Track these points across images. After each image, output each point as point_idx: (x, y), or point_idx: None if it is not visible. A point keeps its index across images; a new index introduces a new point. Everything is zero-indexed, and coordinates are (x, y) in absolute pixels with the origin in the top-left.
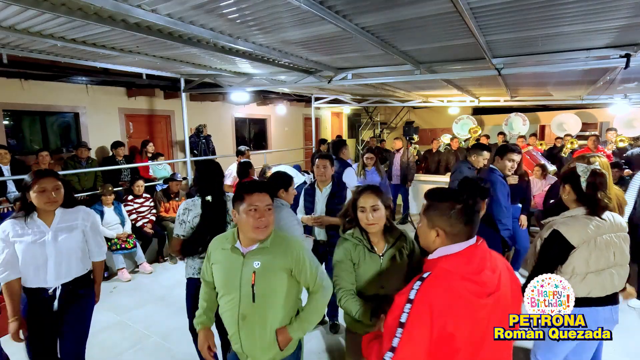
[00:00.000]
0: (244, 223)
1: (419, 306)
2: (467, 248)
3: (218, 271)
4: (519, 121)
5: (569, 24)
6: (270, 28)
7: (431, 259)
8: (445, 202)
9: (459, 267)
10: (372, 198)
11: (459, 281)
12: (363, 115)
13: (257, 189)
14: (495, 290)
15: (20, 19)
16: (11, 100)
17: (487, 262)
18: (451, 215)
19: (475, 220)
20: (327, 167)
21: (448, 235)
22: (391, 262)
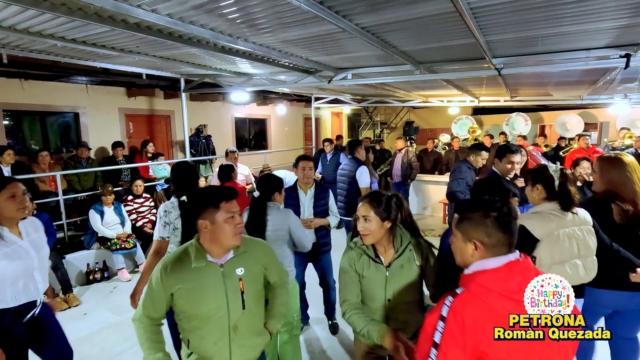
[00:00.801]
0: (223, 232)
1: (452, 324)
2: (507, 263)
3: (191, 294)
4: (521, 121)
5: (569, 24)
6: (270, 28)
7: (467, 274)
8: (478, 211)
9: (497, 284)
10: (364, 208)
11: (497, 299)
12: (363, 115)
13: (231, 196)
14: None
15: (20, 19)
16: (11, 100)
17: (529, 280)
18: (487, 224)
19: (514, 228)
20: (312, 169)
21: (487, 247)
22: (399, 272)
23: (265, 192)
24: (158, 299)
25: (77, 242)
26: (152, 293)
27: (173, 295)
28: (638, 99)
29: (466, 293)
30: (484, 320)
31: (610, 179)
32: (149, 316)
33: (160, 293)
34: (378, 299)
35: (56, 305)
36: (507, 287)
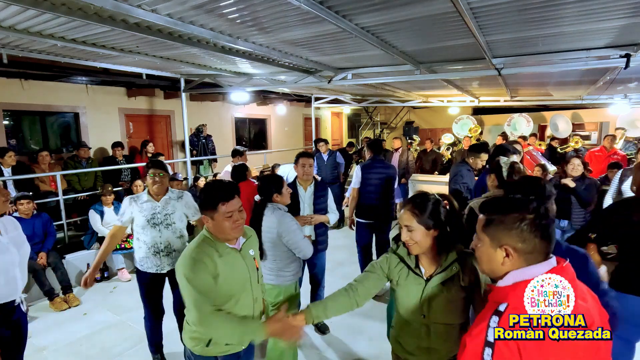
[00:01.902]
0: (222, 227)
1: (504, 350)
2: (551, 270)
3: (226, 278)
4: (523, 122)
5: (569, 24)
6: (270, 28)
7: (503, 286)
8: (513, 213)
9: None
10: (406, 216)
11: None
12: (363, 115)
13: (232, 195)
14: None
15: (20, 19)
16: (11, 100)
17: (577, 289)
18: (522, 229)
19: (552, 234)
20: (312, 166)
21: (521, 255)
22: (439, 288)
23: (264, 194)
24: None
25: (77, 242)
26: (202, 283)
27: (216, 278)
28: (638, 99)
29: (512, 310)
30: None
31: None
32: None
33: (209, 279)
34: (413, 313)
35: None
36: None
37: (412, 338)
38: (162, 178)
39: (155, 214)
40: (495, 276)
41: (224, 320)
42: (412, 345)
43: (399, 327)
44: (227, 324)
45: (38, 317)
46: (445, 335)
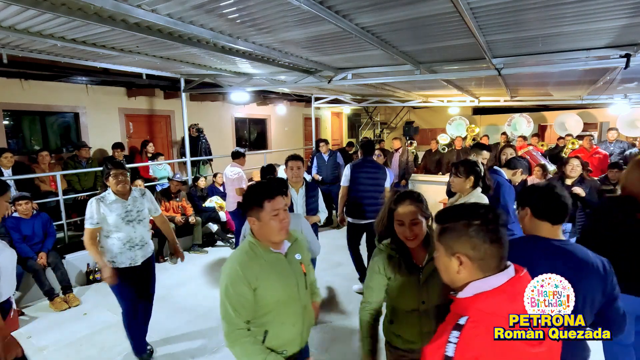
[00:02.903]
0: (269, 227)
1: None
2: (509, 281)
3: (270, 285)
4: (523, 122)
5: (569, 24)
6: (270, 28)
7: (464, 297)
8: (461, 220)
9: (504, 306)
10: (412, 210)
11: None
12: (363, 115)
13: (277, 191)
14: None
15: (20, 19)
16: (11, 100)
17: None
18: (471, 235)
19: (502, 238)
20: (301, 168)
21: (474, 261)
22: (434, 274)
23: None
24: (246, 299)
25: (77, 242)
26: (238, 298)
27: (256, 290)
28: (638, 99)
29: (473, 324)
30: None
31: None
32: (245, 323)
33: (247, 293)
34: (412, 302)
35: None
36: (517, 309)
37: (413, 327)
38: (125, 177)
39: (128, 211)
40: (456, 286)
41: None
42: (414, 334)
43: (398, 320)
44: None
45: (38, 317)
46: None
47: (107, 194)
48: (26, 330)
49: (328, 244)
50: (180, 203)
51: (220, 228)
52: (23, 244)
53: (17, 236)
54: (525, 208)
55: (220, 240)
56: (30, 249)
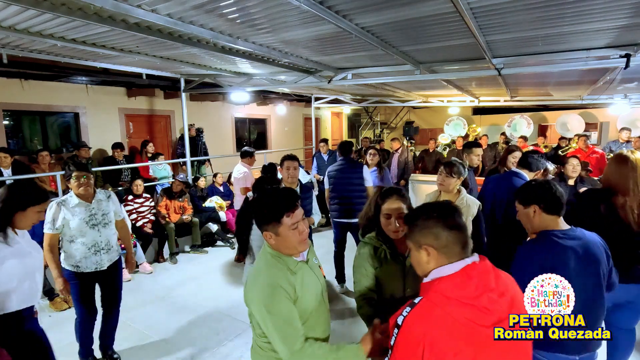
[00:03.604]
0: (288, 241)
1: (404, 334)
2: (463, 268)
3: (304, 295)
4: (523, 123)
5: (569, 24)
6: (270, 28)
7: (425, 282)
8: (423, 215)
9: (455, 291)
10: (398, 204)
11: (457, 307)
12: (363, 115)
13: (293, 206)
14: (505, 317)
15: (20, 19)
16: (11, 100)
17: (489, 283)
18: (431, 226)
19: (461, 224)
20: (297, 168)
21: (439, 250)
22: None
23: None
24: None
25: None
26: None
27: (295, 302)
28: (638, 99)
29: (424, 303)
30: (447, 331)
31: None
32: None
33: (291, 307)
34: (397, 291)
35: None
36: (465, 294)
37: None
38: (88, 180)
39: (92, 215)
40: (427, 276)
41: (319, 352)
42: None
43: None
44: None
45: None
46: None
47: (70, 197)
48: None
49: (324, 244)
50: (182, 203)
51: (220, 228)
52: None
53: None
54: (532, 205)
55: (220, 240)
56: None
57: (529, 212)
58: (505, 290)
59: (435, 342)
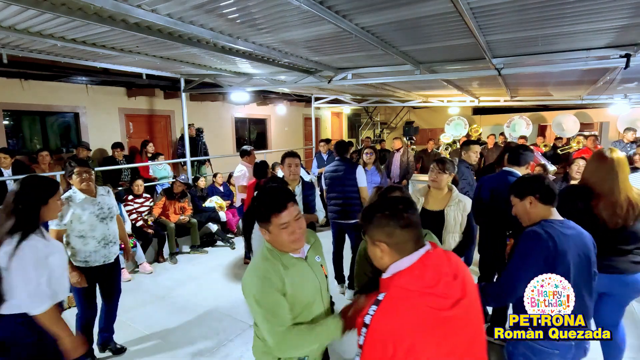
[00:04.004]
0: (280, 240)
1: (373, 333)
2: (419, 259)
3: (296, 290)
4: (522, 124)
5: (569, 24)
6: (270, 28)
7: (385, 277)
8: (377, 213)
9: (414, 282)
10: None
11: (418, 298)
12: (363, 115)
13: (282, 206)
14: (461, 297)
15: (20, 19)
16: (11, 100)
17: (444, 268)
18: (384, 224)
19: (414, 222)
20: (298, 165)
21: (392, 247)
22: None
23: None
24: (280, 304)
25: None
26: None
27: (285, 295)
28: (638, 99)
29: (388, 300)
30: (414, 322)
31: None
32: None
33: (279, 298)
34: None
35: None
36: (424, 283)
37: None
38: (89, 175)
39: (100, 209)
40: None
41: (298, 334)
42: None
43: None
44: (303, 336)
45: None
46: None
47: (74, 194)
48: None
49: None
50: (182, 204)
51: (220, 228)
52: None
53: None
54: (527, 197)
55: (220, 240)
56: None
57: (525, 204)
58: (457, 271)
59: (403, 337)
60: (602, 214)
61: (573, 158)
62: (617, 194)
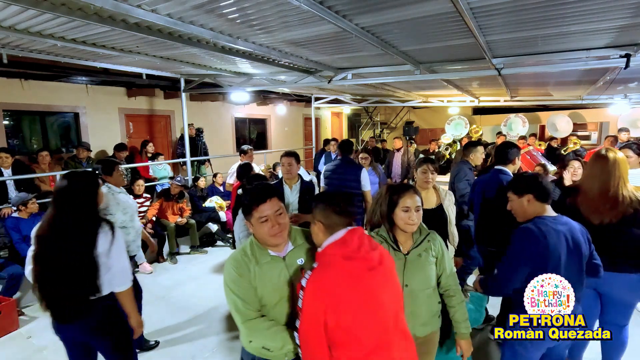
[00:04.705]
0: (260, 233)
1: (308, 294)
2: (346, 232)
3: (263, 289)
4: (519, 122)
5: (569, 24)
6: (270, 28)
7: (319, 251)
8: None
9: (341, 249)
10: (415, 198)
11: (343, 261)
12: (363, 115)
13: (262, 199)
14: (378, 264)
15: (20, 19)
16: (11, 100)
17: (366, 240)
18: (324, 209)
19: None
20: (293, 164)
21: (326, 227)
22: (416, 261)
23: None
24: (250, 293)
25: None
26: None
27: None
28: (638, 99)
29: (320, 266)
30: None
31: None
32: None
33: (249, 288)
34: None
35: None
36: (349, 250)
37: None
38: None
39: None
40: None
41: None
42: None
43: None
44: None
45: (38, 317)
46: (424, 298)
47: (116, 188)
48: (26, 330)
49: None
50: (181, 205)
51: (220, 228)
52: (23, 244)
53: (17, 236)
54: (526, 195)
55: (220, 240)
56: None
57: (522, 201)
58: (376, 246)
59: (334, 296)
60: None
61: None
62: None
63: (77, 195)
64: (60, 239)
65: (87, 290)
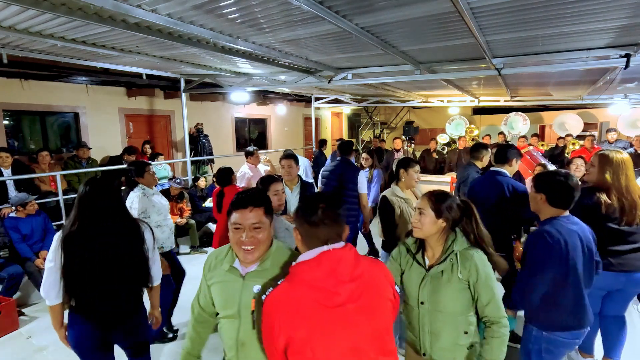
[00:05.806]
0: (231, 238)
1: (264, 310)
2: (319, 254)
3: (216, 291)
4: (519, 120)
5: (569, 24)
6: (270, 28)
7: (292, 265)
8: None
9: (306, 273)
10: (423, 202)
11: (307, 289)
12: (363, 115)
13: (241, 205)
14: (347, 301)
15: (20, 19)
16: (11, 100)
17: (341, 269)
18: (301, 221)
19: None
20: (292, 166)
21: (304, 238)
22: (437, 278)
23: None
24: (203, 288)
25: None
26: (201, 282)
27: (209, 287)
28: (638, 99)
29: (284, 284)
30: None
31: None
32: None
33: (203, 283)
34: (413, 299)
35: None
36: (315, 276)
37: (415, 322)
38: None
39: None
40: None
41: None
42: (416, 329)
43: (406, 313)
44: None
45: (38, 317)
46: (444, 321)
47: (144, 188)
48: (26, 330)
49: None
50: (180, 205)
51: None
52: (22, 244)
53: (17, 236)
54: (540, 193)
55: None
56: (29, 249)
57: (538, 199)
58: (358, 276)
59: (283, 319)
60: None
61: (570, 158)
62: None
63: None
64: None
65: (143, 280)
